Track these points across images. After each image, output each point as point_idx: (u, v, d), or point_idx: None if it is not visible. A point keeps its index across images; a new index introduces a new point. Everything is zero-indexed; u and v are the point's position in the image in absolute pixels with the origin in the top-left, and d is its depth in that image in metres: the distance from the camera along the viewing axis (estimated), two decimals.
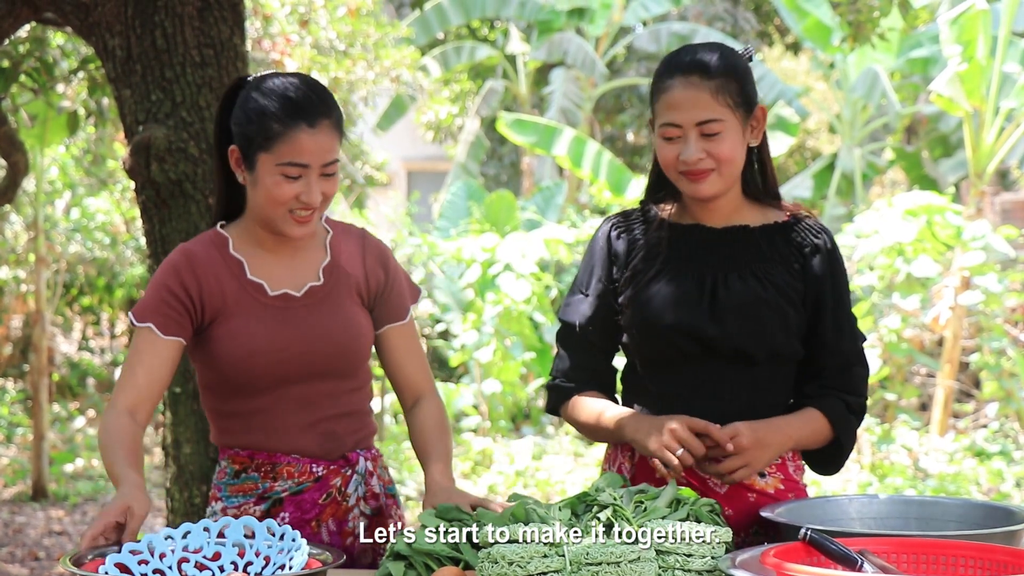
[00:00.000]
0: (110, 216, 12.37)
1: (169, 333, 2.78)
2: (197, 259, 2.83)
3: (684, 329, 2.75)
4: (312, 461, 2.87)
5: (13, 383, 13.00)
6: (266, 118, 2.71)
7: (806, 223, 2.86)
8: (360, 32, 10.63)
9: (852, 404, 2.83)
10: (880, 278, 10.54)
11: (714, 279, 2.78)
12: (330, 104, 2.76)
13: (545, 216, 14.50)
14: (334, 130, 2.75)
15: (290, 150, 2.70)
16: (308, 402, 2.85)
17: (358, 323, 2.89)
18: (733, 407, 2.76)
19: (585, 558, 2.22)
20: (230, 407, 2.88)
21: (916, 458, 9.68)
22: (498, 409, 11.46)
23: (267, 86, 2.76)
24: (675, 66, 2.73)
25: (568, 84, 17.37)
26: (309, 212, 2.76)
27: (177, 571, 2.38)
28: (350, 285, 2.90)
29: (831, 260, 2.84)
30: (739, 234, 2.82)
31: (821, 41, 14.08)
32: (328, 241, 2.92)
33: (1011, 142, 11.07)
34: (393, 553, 2.49)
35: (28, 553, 7.76)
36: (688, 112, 2.69)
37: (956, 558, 2.22)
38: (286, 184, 2.72)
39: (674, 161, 2.73)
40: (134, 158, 4.42)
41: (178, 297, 2.79)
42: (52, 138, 8.64)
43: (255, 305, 2.82)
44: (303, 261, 2.89)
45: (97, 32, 4.49)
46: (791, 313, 2.78)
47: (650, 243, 2.84)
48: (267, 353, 2.80)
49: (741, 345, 2.75)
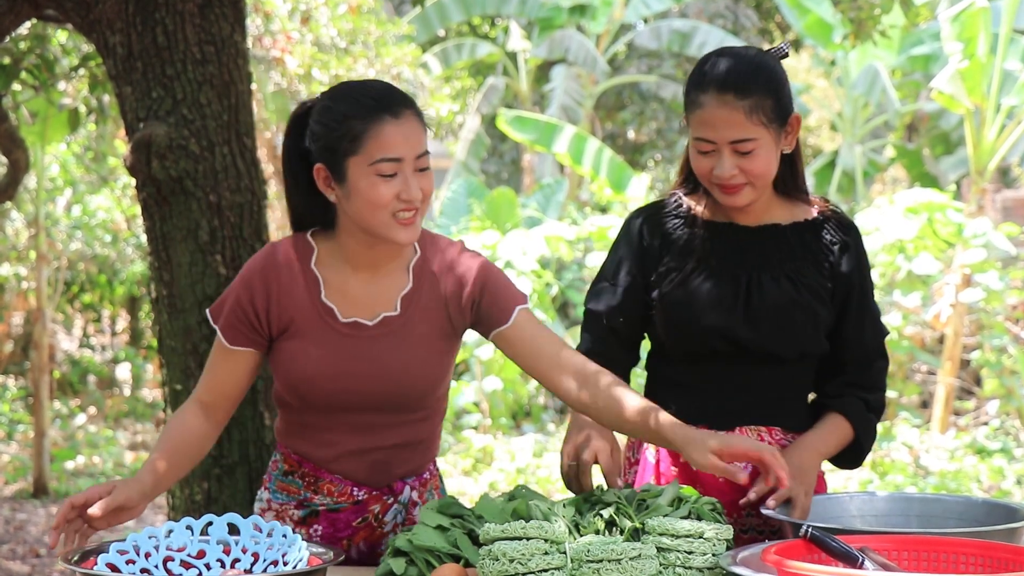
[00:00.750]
0: (111, 213, 12.37)
1: (236, 344, 2.70)
2: (277, 270, 2.70)
3: (719, 331, 2.78)
4: (355, 485, 2.79)
5: (14, 380, 13.01)
6: (348, 119, 2.58)
7: (835, 219, 2.89)
8: (361, 29, 10.63)
9: (871, 402, 2.87)
10: (881, 275, 10.54)
11: (748, 280, 2.80)
12: (408, 96, 2.65)
13: (546, 213, 14.50)
14: (419, 121, 2.62)
15: (379, 145, 2.57)
16: (364, 429, 2.75)
17: (430, 359, 2.74)
18: (761, 402, 2.82)
19: (586, 555, 2.22)
20: (292, 411, 2.80)
21: (917, 455, 9.68)
22: (499, 407, 11.46)
23: (339, 93, 2.65)
24: (710, 81, 2.70)
25: (569, 81, 17.38)
26: (412, 212, 2.59)
27: (163, 570, 2.37)
28: (431, 313, 2.73)
29: (858, 257, 2.87)
30: (771, 233, 2.84)
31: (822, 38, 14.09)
32: (412, 265, 2.74)
33: (1012, 139, 11.07)
34: (394, 549, 2.49)
35: (29, 550, 7.77)
36: (722, 131, 2.68)
37: (957, 555, 2.22)
38: (383, 184, 2.57)
39: (708, 173, 2.74)
40: (135, 155, 4.42)
41: (246, 311, 2.69)
42: (53, 135, 8.65)
43: (323, 329, 2.69)
44: (383, 287, 2.72)
45: (98, 29, 4.49)
46: (822, 314, 2.82)
47: (684, 240, 2.84)
48: (326, 381, 2.69)
49: (773, 348, 2.79)
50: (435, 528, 2.50)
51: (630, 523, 2.38)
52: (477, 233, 12.42)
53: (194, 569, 2.40)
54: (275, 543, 2.41)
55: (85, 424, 12.17)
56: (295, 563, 2.36)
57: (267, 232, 4.62)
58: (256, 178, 4.57)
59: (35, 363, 9.70)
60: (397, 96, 2.62)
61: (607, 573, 2.19)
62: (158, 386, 12.48)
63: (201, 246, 4.45)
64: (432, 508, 2.57)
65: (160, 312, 4.57)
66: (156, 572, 2.36)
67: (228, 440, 4.45)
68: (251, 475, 4.49)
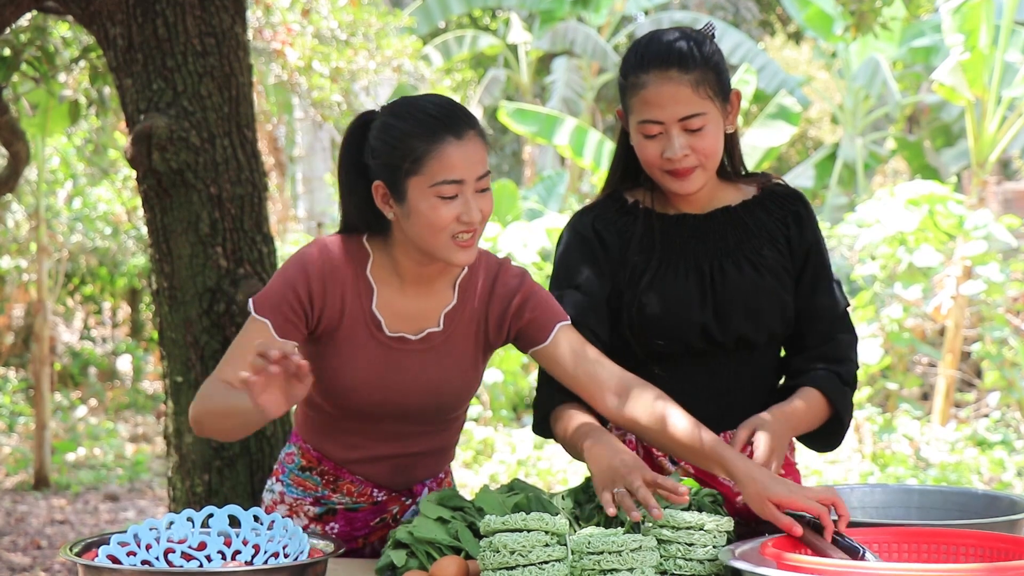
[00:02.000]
0: (112, 205, 12.37)
1: (284, 335, 2.60)
2: (333, 269, 2.65)
3: (691, 328, 2.73)
4: (375, 487, 2.79)
5: (15, 372, 13.03)
6: (410, 139, 2.53)
7: (780, 192, 2.81)
8: (361, 21, 10.62)
9: (844, 375, 2.76)
10: (882, 267, 10.54)
11: (711, 269, 2.74)
12: (471, 115, 2.58)
13: (547, 206, 14.50)
14: (482, 141, 2.57)
15: (441, 167, 2.51)
16: (391, 437, 2.75)
17: (466, 373, 2.73)
18: (736, 388, 2.77)
19: (587, 547, 2.22)
20: (317, 409, 2.77)
21: (917, 447, 9.68)
22: (500, 399, 11.46)
23: (401, 109, 2.59)
24: (649, 59, 2.61)
25: (570, 73, 17.37)
26: (471, 234, 2.56)
27: (164, 561, 2.38)
28: (472, 329, 2.72)
29: (811, 227, 2.80)
30: (724, 216, 2.78)
31: (823, 30, 14.08)
32: (459, 282, 2.72)
33: (1013, 131, 11.06)
34: (395, 542, 2.49)
35: (30, 542, 7.77)
36: (669, 108, 2.59)
37: (956, 547, 2.22)
38: (443, 206, 2.52)
39: (657, 159, 2.65)
40: (135, 147, 4.42)
41: (302, 302, 2.62)
42: (54, 127, 8.64)
43: (369, 340, 2.66)
44: (430, 302, 2.69)
45: (98, 21, 4.49)
46: (785, 295, 2.76)
47: (640, 236, 2.76)
48: (364, 392, 2.67)
49: (744, 335, 2.74)
50: (435, 520, 2.50)
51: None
52: None
53: (195, 561, 2.40)
54: (276, 535, 2.41)
55: (86, 416, 12.18)
56: (296, 555, 2.36)
57: (267, 224, 4.62)
58: (257, 170, 4.57)
59: (36, 355, 9.70)
60: (460, 115, 2.56)
61: (608, 565, 2.20)
62: (159, 378, 12.49)
63: (202, 238, 4.45)
64: (432, 500, 2.57)
65: (161, 304, 4.57)
66: (157, 564, 2.36)
67: None
68: (252, 467, 4.49)
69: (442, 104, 2.57)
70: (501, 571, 2.19)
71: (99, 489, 9.47)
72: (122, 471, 10.00)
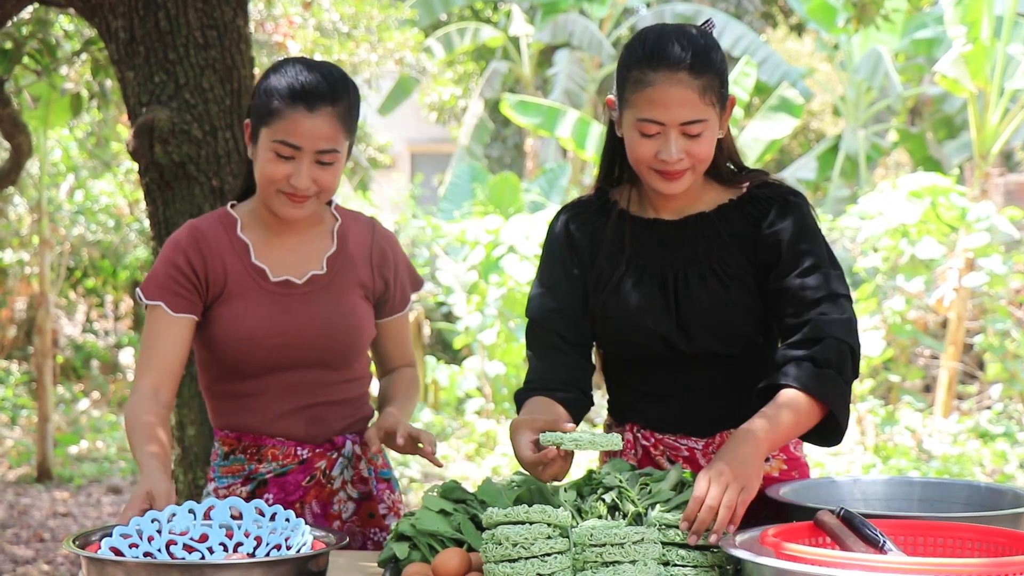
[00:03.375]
0: (114, 198, 12.37)
1: (179, 311, 2.79)
2: (204, 237, 2.85)
3: (654, 337, 2.69)
4: (297, 444, 2.89)
5: (18, 365, 13.03)
6: (271, 95, 2.74)
7: (761, 195, 2.72)
8: (363, 14, 10.62)
9: (819, 357, 2.53)
10: (884, 260, 10.54)
11: (675, 279, 2.69)
12: (338, 94, 2.75)
13: (549, 198, 14.50)
14: (337, 120, 2.74)
15: (284, 129, 2.71)
16: (297, 388, 2.87)
17: (357, 316, 2.90)
18: (718, 395, 2.74)
19: (589, 539, 2.22)
20: (222, 388, 2.90)
21: (920, 440, 9.69)
22: (502, 391, 11.47)
23: (283, 68, 2.79)
24: (660, 58, 2.56)
25: (572, 66, 17.35)
26: (301, 199, 2.76)
27: (166, 553, 2.38)
28: (355, 277, 2.92)
29: (795, 216, 2.67)
30: (695, 224, 2.72)
31: (825, 22, 14.06)
32: (336, 230, 2.93)
33: (1015, 123, 11.06)
34: (397, 534, 2.49)
35: (33, 535, 7.78)
36: (674, 111, 2.56)
37: (955, 540, 2.23)
38: (278, 162, 2.73)
39: (649, 158, 2.61)
40: (137, 140, 4.42)
41: (185, 274, 2.81)
42: (55, 120, 8.64)
43: (256, 290, 2.84)
44: (309, 248, 2.89)
45: (100, 13, 4.48)
46: (754, 302, 2.68)
47: (612, 239, 2.74)
48: (262, 339, 2.82)
49: (712, 348, 2.69)
50: (438, 512, 2.50)
51: (633, 507, 2.38)
52: (480, 218, 12.41)
53: (197, 553, 2.40)
54: (278, 527, 2.41)
55: (88, 409, 12.19)
56: (298, 547, 2.36)
57: None
58: None
59: (38, 348, 9.71)
60: (323, 91, 2.74)
61: (610, 557, 2.20)
62: None
63: None
64: (435, 493, 2.57)
65: None
66: (159, 556, 2.36)
67: None
68: None
69: (315, 75, 2.76)
70: (503, 563, 2.20)
71: (101, 482, 9.48)
72: (124, 464, 10.01)
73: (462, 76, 18.83)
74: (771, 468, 2.80)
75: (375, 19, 10.81)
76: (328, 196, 2.80)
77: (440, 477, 9.25)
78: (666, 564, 2.29)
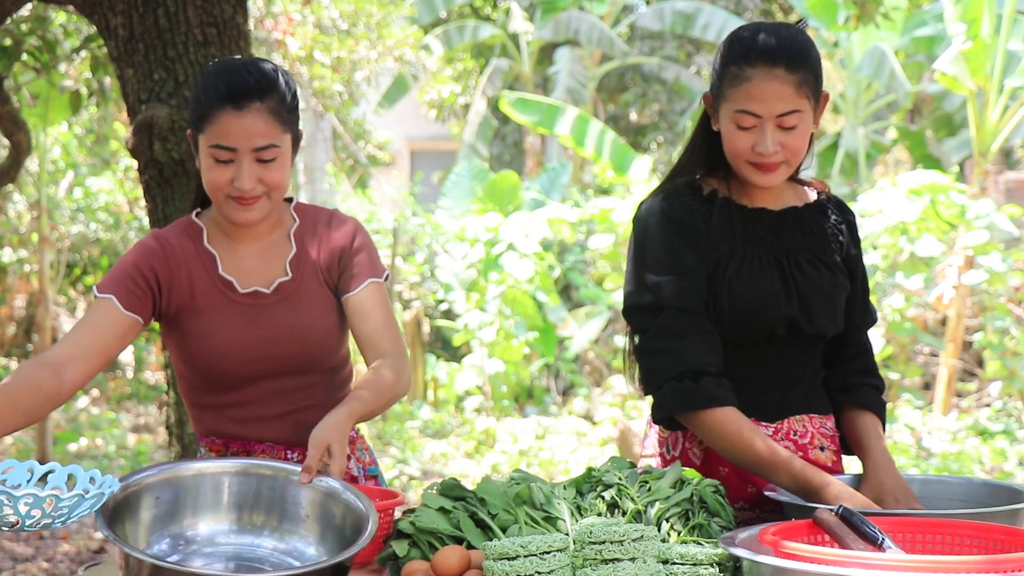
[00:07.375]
0: (113, 196, 12.38)
1: (129, 308, 2.73)
2: (171, 249, 2.80)
3: (780, 319, 2.76)
4: (286, 448, 2.88)
5: (17, 362, 13.03)
6: (198, 101, 2.68)
7: (834, 201, 2.94)
8: (363, 11, 10.62)
9: (880, 387, 2.92)
10: (884, 257, 10.54)
11: (789, 264, 2.80)
12: (266, 88, 2.67)
13: (550, 196, 14.49)
14: (268, 115, 2.67)
15: (216, 132, 2.66)
16: (279, 395, 2.85)
17: (327, 317, 2.84)
18: (800, 377, 2.83)
19: (589, 537, 2.22)
20: (203, 399, 2.88)
21: (919, 437, 9.69)
22: (501, 389, 11.47)
23: (211, 69, 2.73)
24: (758, 53, 2.66)
25: (573, 63, 17.35)
26: (249, 201, 2.70)
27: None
28: (316, 272, 2.85)
29: (857, 239, 2.93)
30: (795, 216, 2.85)
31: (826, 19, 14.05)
32: (293, 232, 2.86)
33: (1015, 121, 11.06)
34: (397, 532, 2.49)
35: (33, 532, 7.78)
36: (771, 104, 2.64)
37: (953, 536, 2.23)
38: (218, 168, 2.68)
39: (746, 151, 2.70)
40: (137, 137, 4.42)
41: (145, 278, 2.76)
42: (54, 117, 8.64)
43: (225, 303, 2.80)
44: (270, 254, 2.84)
45: (99, 11, 4.48)
46: (846, 294, 2.86)
47: (723, 226, 2.79)
48: (237, 352, 2.78)
49: (822, 329, 2.81)
50: (438, 510, 2.50)
51: (632, 505, 2.38)
52: (480, 215, 12.41)
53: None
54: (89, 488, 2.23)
55: (88, 406, 12.19)
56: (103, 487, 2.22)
57: None
58: None
59: (38, 345, 9.71)
60: (249, 88, 2.65)
61: (610, 554, 2.20)
62: (160, 368, 12.50)
63: None
64: (435, 490, 2.57)
65: None
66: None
67: None
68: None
69: (239, 72, 2.68)
70: (503, 561, 2.20)
71: None
72: (124, 461, 10.01)
73: (461, 73, 18.81)
74: (826, 458, 2.87)
75: (374, 16, 10.81)
76: (280, 194, 2.73)
77: (439, 475, 9.25)
78: (665, 562, 2.29)
